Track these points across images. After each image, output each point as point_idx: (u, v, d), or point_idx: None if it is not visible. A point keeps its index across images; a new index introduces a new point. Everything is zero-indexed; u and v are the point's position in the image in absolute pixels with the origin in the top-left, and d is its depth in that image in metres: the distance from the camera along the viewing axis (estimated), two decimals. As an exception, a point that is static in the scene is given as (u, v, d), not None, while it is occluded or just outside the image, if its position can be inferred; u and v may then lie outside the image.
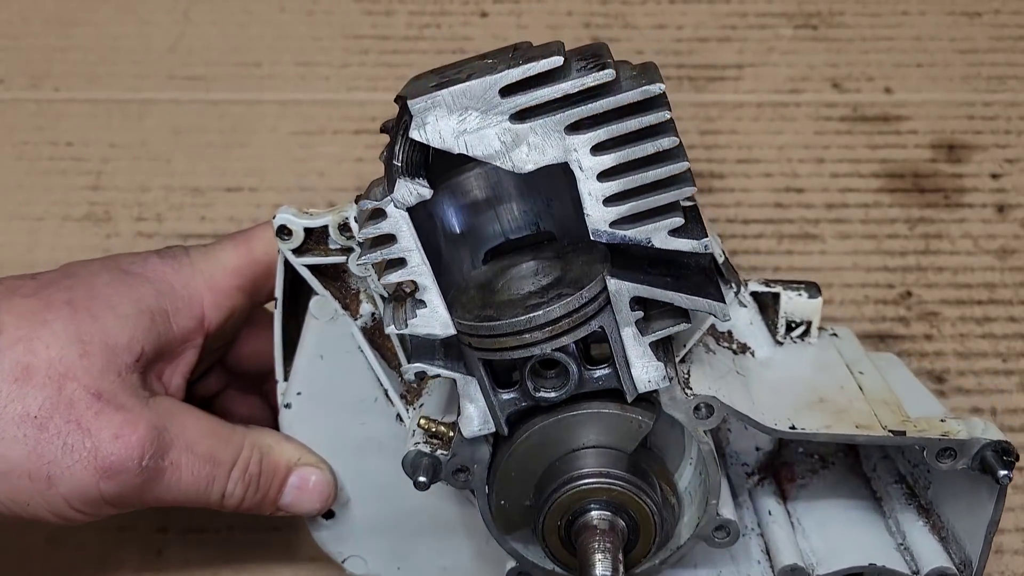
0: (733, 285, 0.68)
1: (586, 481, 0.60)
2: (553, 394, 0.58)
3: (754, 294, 0.70)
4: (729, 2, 1.21)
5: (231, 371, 0.79)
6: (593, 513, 0.59)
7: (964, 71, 1.15)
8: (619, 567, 0.58)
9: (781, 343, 0.71)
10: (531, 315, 0.55)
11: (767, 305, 0.71)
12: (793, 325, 0.71)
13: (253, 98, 1.14)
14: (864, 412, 0.64)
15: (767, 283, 0.71)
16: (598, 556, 0.58)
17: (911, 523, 0.69)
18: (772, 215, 1.05)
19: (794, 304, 0.70)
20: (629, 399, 0.59)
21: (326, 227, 0.66)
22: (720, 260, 0.66)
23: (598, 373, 0.59)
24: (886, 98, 1.13)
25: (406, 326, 0.58)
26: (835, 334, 0.74)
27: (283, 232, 0.66)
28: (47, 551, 0.84)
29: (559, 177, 0.57)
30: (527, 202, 0.61)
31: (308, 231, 0.66)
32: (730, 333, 0.69)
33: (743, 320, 0.70)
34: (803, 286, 0.70)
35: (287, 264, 0.68)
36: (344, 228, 0.65)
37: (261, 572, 0.84)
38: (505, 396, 0.59)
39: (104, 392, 0.63)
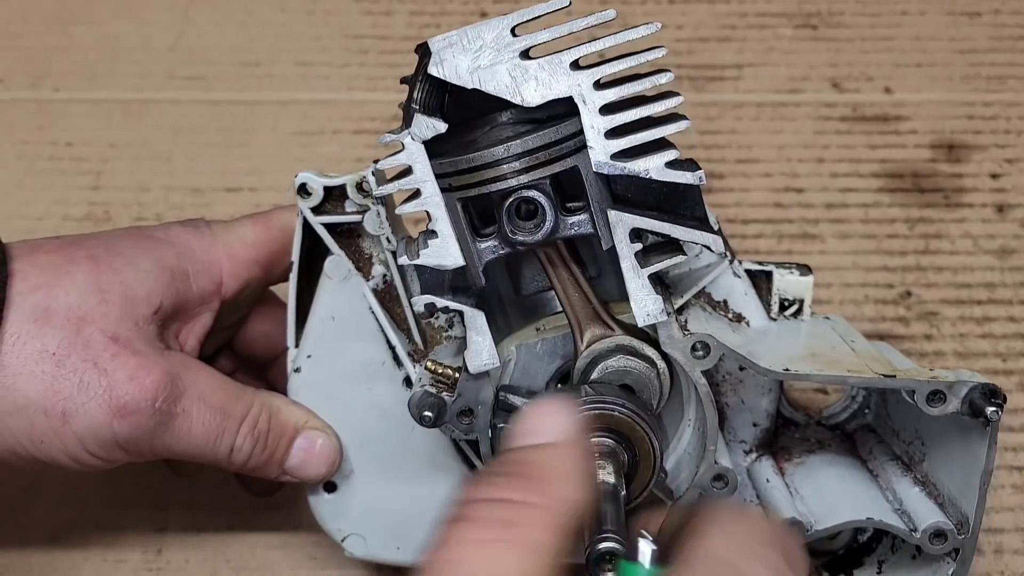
0: (727, 254, 0.70)
1: (589, 407, 0.60)
2: (530, 238, 0.60)
3: (748, 272, 0.72)
4: (729, 2, 1.21)
5: (239, 355, 0.81)
6: (592, 439, 0.60)
7: (964, 71, 1.15)
8: (621, 481, 0.58)
9: (775, 319, 0.72)
10: (508, 144, 0.58)
11: (760, 285, 0.72)
12: (786, 303, 0.72)
13: (253, 98, 1.14)
14: (856, 363, 0.66)
15: (760, 262, 0.73)
16: (601, 467, 0.58)
17: (907, 490, 0.70)
18: (772, 215, 1.05)
19: (786, 282, 0.72)
20: (604, 245, 0.60)
21: (344, 186, 0.70)
22: (715, 228, 0.67)
23: (572, 219, 0.61)
24: (886, 98, 1.13)
25: (418, 256, 0.61)
26: (828, 318, 0.75)
27: (303, 191, 0.70)
28: (47, 550, 0.84)
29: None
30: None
31: (328, 190, 0.70)
32: (726, 302, 0.71)
33: (738, 290, 0.71)
34: (794, 265, 0.73)
35: (305, 227, 0.71)
36: (361, 188, 0.69)
37: (260, 571, 0.84)
38: (483, 244, 0.61)
39: (121, 337, 0.65)
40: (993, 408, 0.62)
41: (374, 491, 0.75)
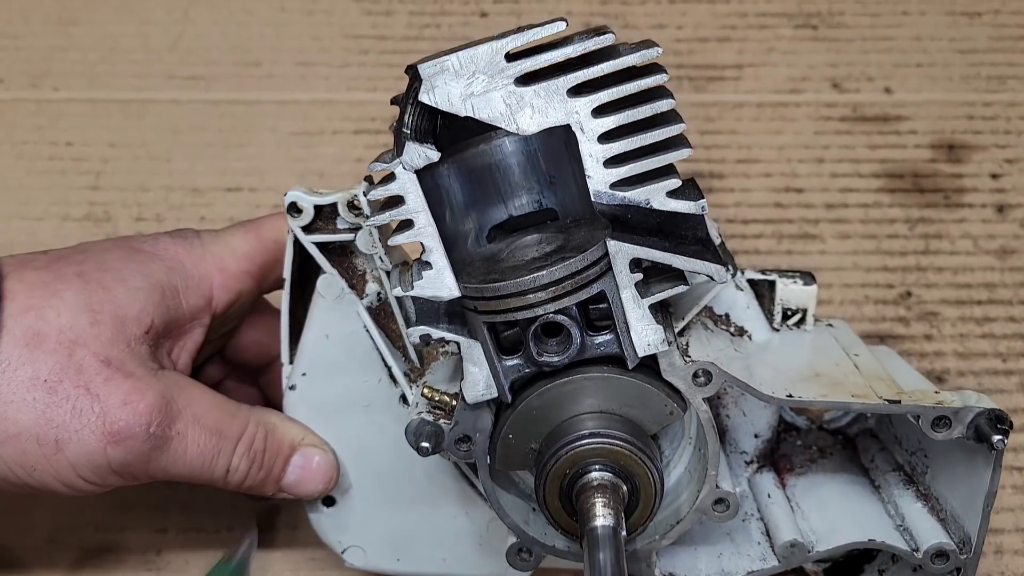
0: (730, 268, 0.69)
1: (587, 441, 0.60)
2: (556, 359, 0.59)
3: (750, 281, 0.71)
4: (729, 2, 1.21)
5: (231, 362, 0.80)
6: (594, 473, 0.60)
7: (964, 71, 1.15)
8: (621, 519, 0.58)
9: (777, 330, 0.72)
10: (535, 275, 0.56)
11: (763, 294, 0.72)
12: (789, 313, 0.72)
13: (253, 98, 1.14)
14: (860, 384, 0.65)
15: (763, 271, 0.72)
16: (599, 508, 0.58)
17: (909, 505, 0.69)
18: (772, 215, 1.05)
19: (790, 291, 0.71)
20: (630, 365, 0.60)
21: (335, 205, 0.68)
22: (716, 242, 0.66)
23: (599, 339, 0.60)
24: (886, 98, 1.13)
25: (412, 288, 0.59)
26: (831, 324, 0.75)
27: (293, 209, 0.68)
28: (47, 551, 0.84)
29: (561, 155, 0.59)
30: (530, 179, 0.62)
31: (318, 208, 0.68)
32: (727, 316, 0.70)
33: (740, 303, 0.71)
34: (798, 274, 0.72)
35: (296, 244, 0.70)
36: (353, 206, 0.67)
37: (260, 572, 0.84)
38: (509, 362, 0.60)
39: (113, 360, 0.64)
40: (999, 437, 0.61)
41: (373, 504, 0.74)
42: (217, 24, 1.20)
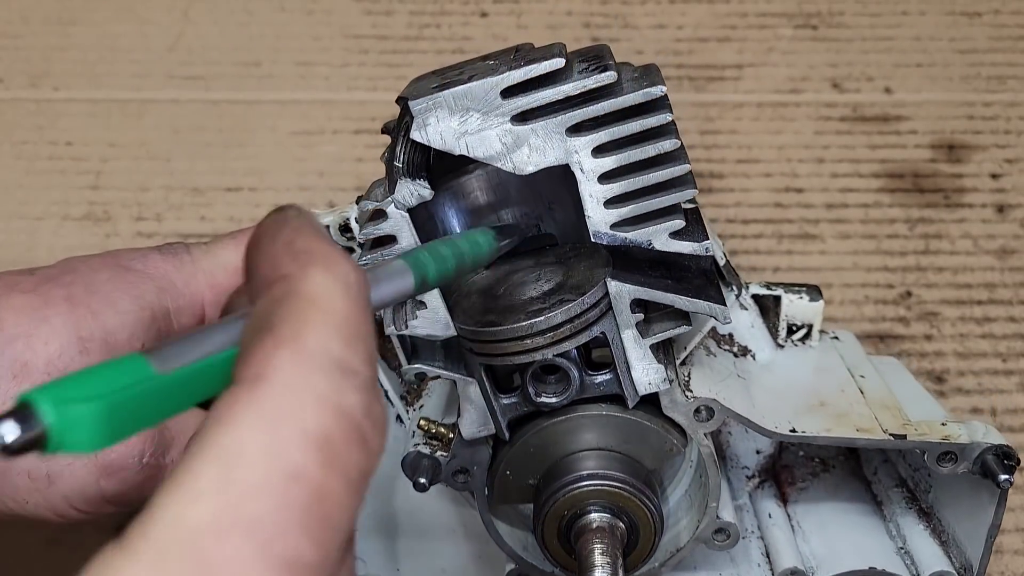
0: (734, 288, 0.68)
1: (585, 483, 0.60)
2: (554, 399, 0.58)
3: (755, 297, 0.70)
4: (729, 2, 1.21)
5: None
6: (593, 515, 0.59)
7: (964, 71, 1.15)
8: (619, 569, 0.57)
9: (782, 346, 0.71)
10: (533, 321, 0.54)
11: (768, 308, 0.71)
12: (794, 328, 0.70)
13: (253, 98, 1.14)
14: (865, 416, 0.64)
15: (768, 286, 0.70)
16: (597, 557, 0.57)
17: (911, 527, 0.68)
18: (772, 215, 1.05)
19: (795, 307, 0.70)
20: (631, 404, 0.59)
21: (327, 228, 0.66)
22: (721, 263, 0.65)
23: (599, 379, 0.58)
24: (886, 98, 1.13)
25: (406, 327, 0.58)
26: (836, 337, 0.74)
27: None
28: (47, 551, 0.84)
29: (560, 180, 0.57)
30: (528, 205, 0.61)
31: None
32: (731, 336, 0.69)
33: (744, 323, 0.69)
34: (804, 289, 0.70)
35: None
36: (345, 229, 0.66)
37: (261, 572, 0.84)
38: (506, 401, 0.59)
39: None
40: (1005, 477, 0.60)
41: (370, 516, 0.74)
42: (217, 24, 1.20)
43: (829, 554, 0.67)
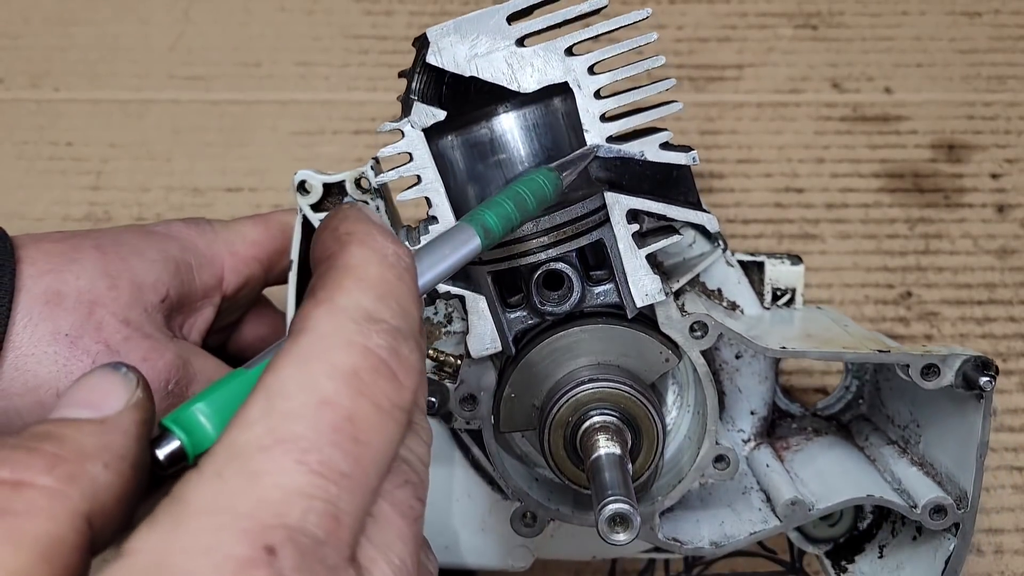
0: (721, 243, 0.71)
1: (586, 386, 0.61)
2: (558, 308, 0.62)
3: (740, 263, 0.73)
4: (729, 2, 1.21)
5: (232, 359, 0.80)
6: (596, 417, 0.61)
7: (964, 71, 1.15)
8: (626, 452, 0.59)
9: (768, 308, 0.73)
10: (536, 220, 0.59)
11: (753, 277, 0.73)
12: (779, 293, 0.74)
13: (253, 98, 1.14)
14: (850, 342, 0.67)
15: (751, 253, 0.74)
16: (603, 441, 0.59)
17: (905, 470, 0.71)
18: (772, 215, 1.05)
19: (778, 272, 0.73)
20: (630, 314, 0.62)
21: (343, 183, 0.71)
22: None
23: (599, 289, 0.63)
24: (886, 98, 1.13)
25: (419, 243, 0.61)
26: (820, 308, 0.77)
27: (302, 188, 0.71)
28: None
29: (558, 129, 0.62)
30: (529, 152, 0.64)
31: (327, 187, 0.71)
32: (720, 291, 0.72)
33: (732, 279, 0.72)
34: (785, 255, 0.74)
35: (304, 226, 0.72)
36: (361, 184, 0.71)
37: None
38: (512, 315, 0.63)
39: (132, 320, 0.65)
40: (987, 379, 0.63)
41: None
42: (217, 24, 1.20)
43: (827, 491, 0.69)
